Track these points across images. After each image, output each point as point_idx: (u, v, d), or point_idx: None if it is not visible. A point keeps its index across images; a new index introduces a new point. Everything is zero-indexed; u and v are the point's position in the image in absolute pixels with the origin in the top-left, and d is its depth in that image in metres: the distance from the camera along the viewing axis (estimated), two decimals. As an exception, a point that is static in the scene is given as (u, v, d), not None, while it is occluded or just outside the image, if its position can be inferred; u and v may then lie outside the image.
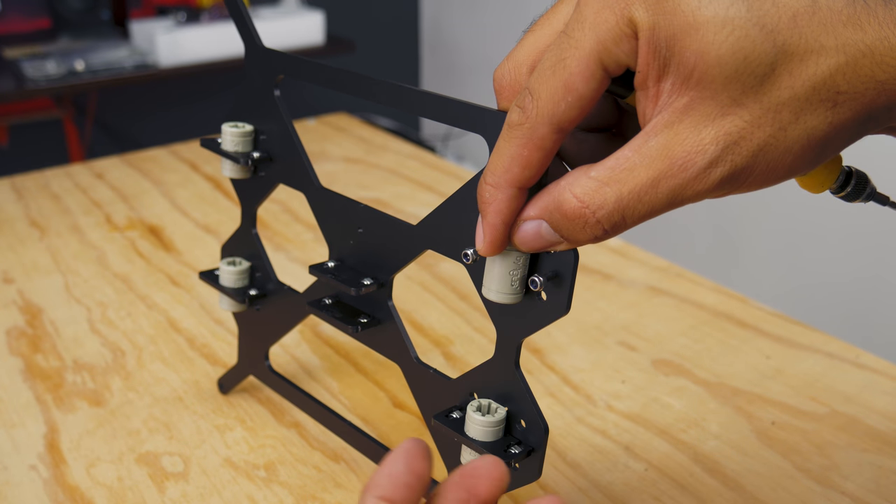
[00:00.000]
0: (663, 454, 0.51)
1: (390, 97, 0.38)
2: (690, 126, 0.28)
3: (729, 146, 0.27)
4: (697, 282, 0.72)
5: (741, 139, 0.27)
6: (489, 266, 0.34)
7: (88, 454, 0.51)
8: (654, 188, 0.28)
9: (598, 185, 0.29)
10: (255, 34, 0.46)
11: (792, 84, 0.27)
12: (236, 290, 0.51)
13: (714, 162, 0.28)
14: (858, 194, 0.35)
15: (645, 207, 0.29)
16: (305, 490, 0.48)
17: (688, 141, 0.28)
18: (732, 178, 0.28)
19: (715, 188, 0.28)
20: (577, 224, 0.30)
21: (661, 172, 0.28)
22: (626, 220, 0.29)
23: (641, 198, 0.29)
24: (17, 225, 0.83)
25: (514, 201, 0.32)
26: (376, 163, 1.00)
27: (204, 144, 0.49)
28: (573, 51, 0.29)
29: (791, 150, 0.28)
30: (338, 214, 0.43)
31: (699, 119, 0.28)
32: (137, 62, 1.75)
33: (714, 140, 0.28)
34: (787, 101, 0.27)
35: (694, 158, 0.28)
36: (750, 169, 0.28)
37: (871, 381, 0.58)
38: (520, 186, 0.31)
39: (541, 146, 0.30)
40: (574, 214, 0.30)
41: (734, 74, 0.27)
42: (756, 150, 0.28)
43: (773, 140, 0.27)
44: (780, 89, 0.27)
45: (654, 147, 0.28)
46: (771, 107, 0.27)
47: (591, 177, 0.29)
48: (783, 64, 0.27)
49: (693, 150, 0.28)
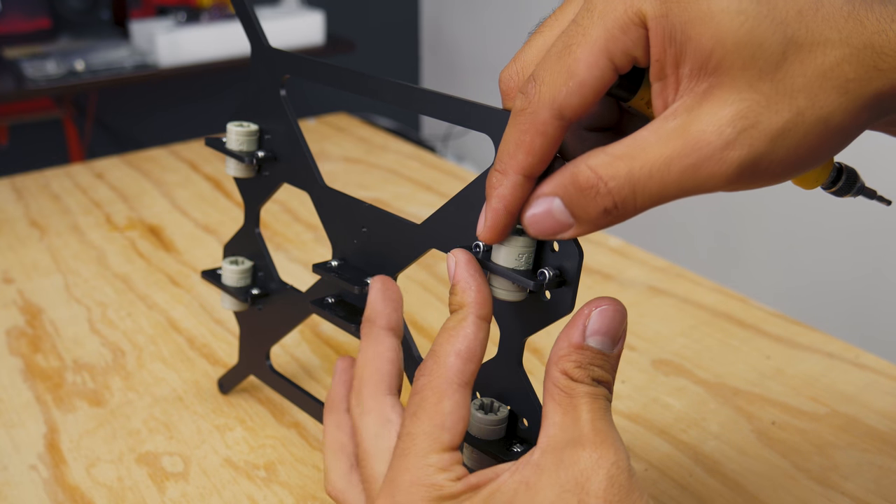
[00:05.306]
0: (663, 454, 0.51)
1: (398, 97, 0.38)
2: (709, 109, 0.28)
3: (746, 129, 0.27)
4: (697, 282, 0.72)
5: (759, 122, 0.28)
6: (495, 263, 0.34)
7: (88, 454, 0.51)
8: (668, 166, 0.28)
9: (612, 159, 0.29)
10: (261, 34, 0.46)
11: (804, 72, 0.28)
12: (238, 290, 0.51)
13: (731, 143, 0.28)
14: (849, 189, 0.36)
15: (656, 185, 0.29)
16: (305, 490, 0.48)
17: (705, 121, 0.28)
18: (753, 164, 0.28)
19: (734, 173, 0.28)
20: (588, 194, 0.29)
21: (676, 151, 0.28)
22: (636, 196, 0.29)
23: (653, 174, 0.28)
24: (17, 225, 0.83)
25: (519, 189, 0.32)
26: (376, 163, 1.00)
27: (209, 143, 0.49)
28: (579, 38, 0.29)
29: (809, 137, 0.28)
30: (342, 214, 0.43)
31: (717, 103, 0.28)
32: (137, 62, 1.75)
33: (731, 122, 0.28)
34: (802, 88, 0.28)
35: (709, 138, 0.28)
36: (770, 155, 0.28)
37: (871, 381, 0.58)
38: (525, 174, 0.31)
39: (543, 132, 0.30)
40: (586, 183, 0.29)
41: (751, 60, 0.27)
42: (775, 135, 0.28)
43: (791, 125, 0.28)
44: (794, 76, 0.28)
45: (670, 127, 0.28)
46: (787, 92, 0.28)
47: (607, 152, 0.29)
48: (794, 54, 0.28)
49: (709, 131, 0.28)
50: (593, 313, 0.32)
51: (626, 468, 0.30)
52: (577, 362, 0.32)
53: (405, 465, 0.32)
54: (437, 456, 0.32)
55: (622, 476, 0.30)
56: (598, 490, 0.30)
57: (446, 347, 0.33)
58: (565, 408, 0.31)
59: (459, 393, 0.32)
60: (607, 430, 0.31)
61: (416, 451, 0.32)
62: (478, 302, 0.33)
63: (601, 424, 0.31)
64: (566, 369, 0.32)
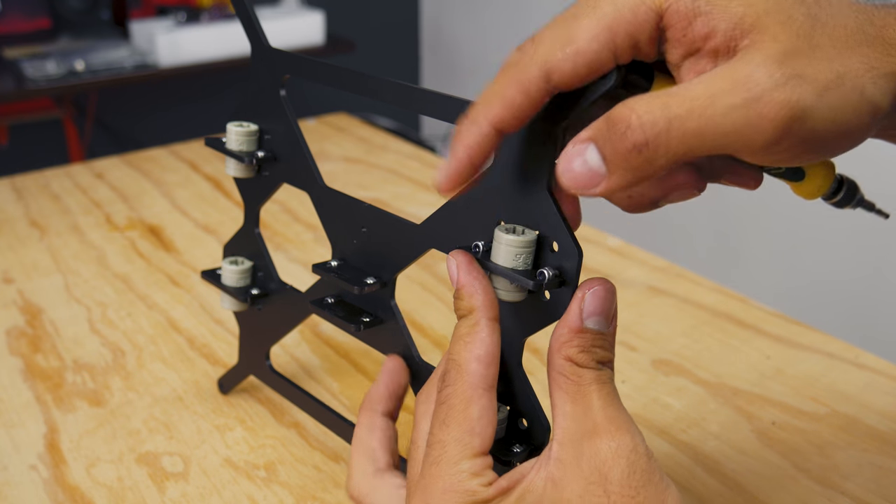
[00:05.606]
0: (663, 454, 0.51)
1: (397, 97, 0.38)
2: (754, 56, 0.27)
3: (795, 76, 0.27)
4: (697, 282, 0.72)
5: (805, 74, 0.27)
6: (495, 263, 0.34)
7: (88, 454, 0.51)
8: (711, 103, 0.27)
9: (650, 97, 0.28)
10: (261, 34, 0.46)
11: (834, 44, 0.28)
12: (238, 290, 0.51)
13: (781, 86, 0.27)
14: (849, 200, 0.36)
15: (695, 122, 0.27)
16: (305, 490, 0.48)
17: (753, 64, 0.27)
18: (801, 114, 0.27)
19: (783, 120, 0.26)
20: (619, 128, 0.28)
21: (721, 89, 0.27)
22: (670, 131, 0.27)
23: (693, 110, 0.27)
24: (17, 225, 0.83)
25: (486, 140, 0.31)
26: (376, 163, 1.00)
27: (208, 143, 0.49)
28: (588, 10, 0.29)
29: (849, 102, 0.27)
30: (342, 214, 0.43)
31: (763, 50, 0.27)
32: (137, 62, 1.75)
33: (780, 66, 0.27)
34: (836, 56, 0.28)
35: (759, 78, 0.27)
36: (816, 111, 0.27)
37: (871, 381, 0.58)
38: (496, 127, 0.31)
39: (525, 89, 0.30)
40: (618, 117, 0.28)
41: (787, 21, 0.28)
42: (821, 89, 0.27)
43: (833, 85, 0.27)
44: (826, 46, 0.28)
45: (716, 71, 0.28)
46: (824, 56, 0.27)
47: (648, 94, 0.28)
48: (820, 28, 0.28)
49: (759, 72, 0.27)
50: (587, 296, 0.32)
51: (644, 452, 0.30)
52: (580, 346, 0.32)
53: (437, 473, 0.32)
54: (469, 462, 0.32)
55: (641, 461, 0.30)
56: (622, 478, 0.30)
57: (465, 355, 0.33)
58: (574, 397, 0.31)
59: (486, 397, 0.32)
60: (620, 416, 0.31)
61: (448, 459, 0.32)
62: (486, 304, 0.33)
63: (612, 411, 0.31)
64: (570, 355, 0.32)
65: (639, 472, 0.30)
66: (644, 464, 0.30)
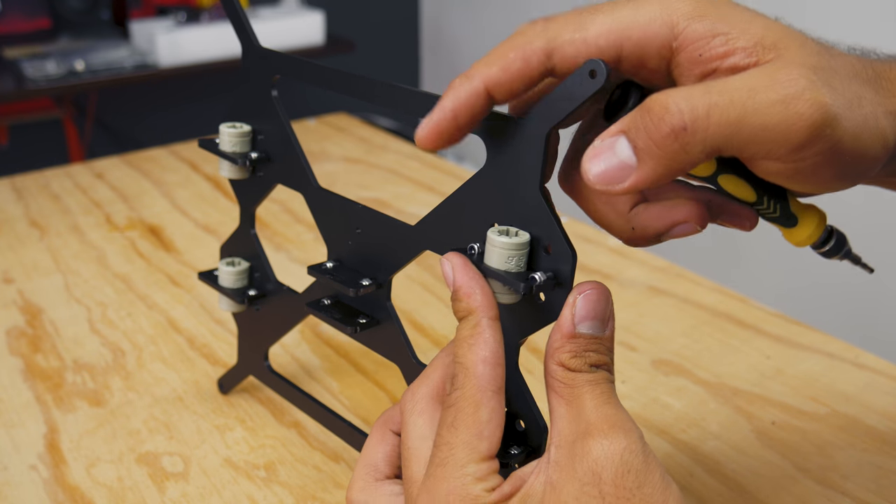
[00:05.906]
0: (663, 454, 0.51)
1: (387, 98, 0.38)
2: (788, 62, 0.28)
3: (826, 84, 0.28)
4: (697, 282, 0.72)
5: (833, 85, 0.28)
6: (488, 266, 0.34)
7: (88, 454, 0.51)
8: (752, 95, 0.27)
9: (689, 88, 0.28)
10: (251, 34, 0.46)
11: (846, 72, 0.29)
12: (235, 291, 0.51)
13: (818, 87, 0.27)
14: (837, 251, 0.37)
15: (736, 111, 0.27)
16: (305, 490, 0.48)
17: (791, 65, 0.28)
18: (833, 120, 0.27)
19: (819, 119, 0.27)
20: (657, 115, 0.28)
21: (762, 84, 0.27)
22: (710, 117, 0.27)
23: (734, 100, 0.27)
24: (17, 225, 0.83)
25: (476, 98, 0.31)
26: (376, 163, 1.00)
27: (202, 145, 0.48)
28: (608, 8, 0.30)
29: (868, 126, 0.29)
30: (336, 215, 0.43)
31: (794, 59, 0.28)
32: (137, 62, 1.75)
33: (815, 72, 0.28)
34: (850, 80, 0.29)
35: (797, 78, 0.27)
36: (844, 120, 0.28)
37: (871, 381, 0.58)
38: (488, 86, 0.31)
39: (527, 56, 0.30)
40: (657, 103, 0.28)
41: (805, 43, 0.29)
42: (847, 103, 0.28)
43: (856, 105, 0.28)
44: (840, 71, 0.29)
45: (751, 71, 0.28)
46: (843, 76, 0.29)
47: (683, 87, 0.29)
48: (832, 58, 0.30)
49: (796, 73, 0.28)
50: (578, 300, 0.32)
51: (639, 450, 0.30)
52: (572, 352, 0.31)
53: (443, 475, 0.32)
54: (475, 466, 0.32)
55: (636, 460, 0.30)
56: (615, 479, 0.29)
57: (471, 357, 0.33)
58: (568, 399, 0.31)
59: (495, 399, 0.32)
60: (614, 414, 0.31)
61: (455, 461, 0.32)
62: (485, 304, 0.33)
63: (606, 409, 0.31)
64: (562, 361, 0.32)
65: (633, 471, 0.29)
66: (639, 463, 0.30)
